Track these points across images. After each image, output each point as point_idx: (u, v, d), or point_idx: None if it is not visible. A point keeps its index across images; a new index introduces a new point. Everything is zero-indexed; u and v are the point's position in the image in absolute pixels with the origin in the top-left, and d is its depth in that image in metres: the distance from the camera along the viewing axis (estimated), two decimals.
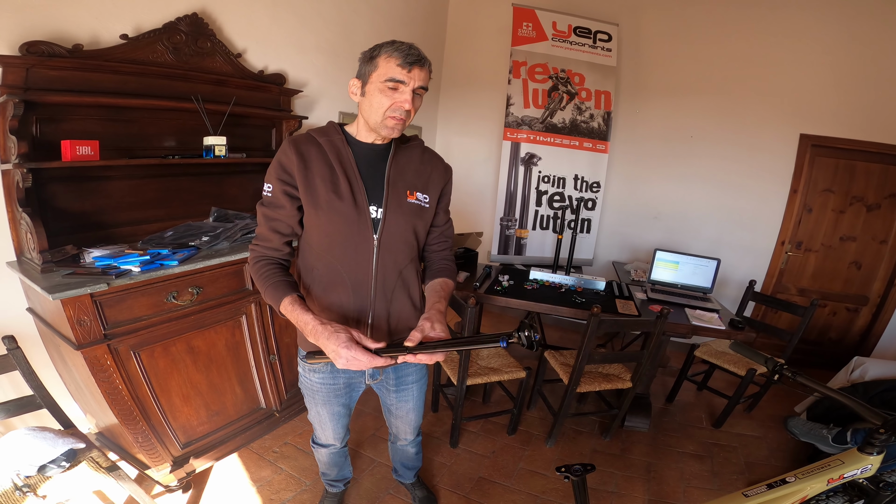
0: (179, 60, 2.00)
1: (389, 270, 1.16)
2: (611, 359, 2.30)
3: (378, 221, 1.13)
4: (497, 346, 0.89)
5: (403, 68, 1.01)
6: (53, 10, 1.66)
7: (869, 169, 3.09)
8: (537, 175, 3.40)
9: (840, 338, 3.40)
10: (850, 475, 1.09)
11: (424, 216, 1.20)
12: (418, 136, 1.25)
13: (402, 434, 1.61)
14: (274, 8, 2.45)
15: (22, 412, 1.46)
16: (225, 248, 1.93)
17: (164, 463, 1.73)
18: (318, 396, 1.34)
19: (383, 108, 1.04)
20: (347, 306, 1.16)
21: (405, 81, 1.02)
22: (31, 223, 1.53)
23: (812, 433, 2.19)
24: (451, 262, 1.30)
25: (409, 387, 1.41)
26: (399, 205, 1.15)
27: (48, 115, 1.65)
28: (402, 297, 1.21)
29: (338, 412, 1.39)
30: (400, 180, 1.16)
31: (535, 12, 3.26)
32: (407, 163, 1.18)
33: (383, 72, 1.02)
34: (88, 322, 1.45)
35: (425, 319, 1.04)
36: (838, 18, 2.92)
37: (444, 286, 1.21)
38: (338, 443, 1.53)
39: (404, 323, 1.22)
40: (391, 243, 1.15)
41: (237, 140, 2.22)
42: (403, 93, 1.03)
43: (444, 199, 1.27)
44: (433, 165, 1.23)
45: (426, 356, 0.96)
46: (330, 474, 1.72)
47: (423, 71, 1.03)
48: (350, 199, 1.10)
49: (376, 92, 1.04)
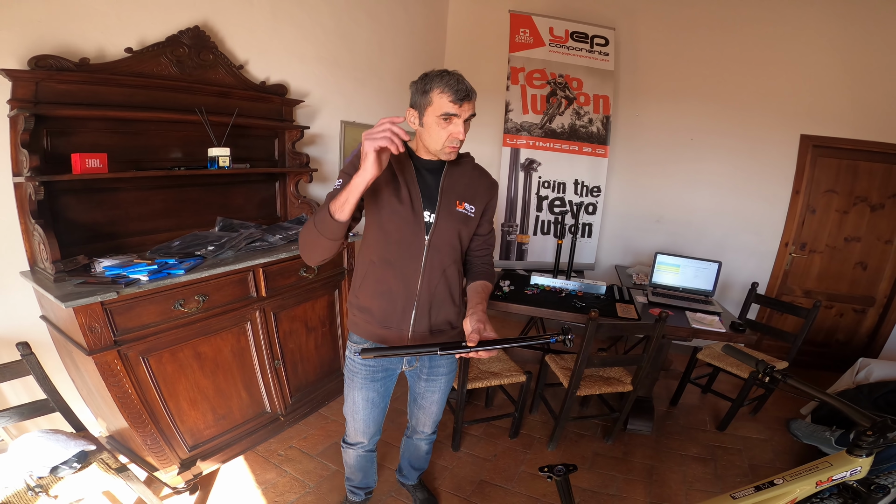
0: (183, 73, 2.06)
1: (435, 267, 1.31)
2: (610, 362, 2.31)
3: (430, 225, 1.28)
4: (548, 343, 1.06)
5: (456, 104, 1.14)
6: (60, 24, 1.72)
7: (872, 169, 3.08)
8: (537, 180, 3.42)
9: (847, 339, 3.36)
10: (839, 477, 1.10)
11: (469, 224, 1.35)
12: (469, 153, 1.38)
13: (420, 426, 1.68)
14: (274, 20, 2.52)
15: (35, 415, 1.52)
16: (230, 257, 1.98)
17: (172, 465, 1.77)
18: (356, 379, 1.44)
19: (441, 139, 1.19)
20: (397, 293, 1.31)
21: (458, 115, 1.16)
22: (43, 235, 1.59)
23: (815, 435, 2.18)
24: (491, 266, 1.46)
25: (439, 378, 1.52)
26: (449, 212, 1.30)
27: (58, 128, 1.71)
28: (443, 291, 1.35)
29: (372, 399, 1.47)
30: (452, 191, 1.31)
31: (532, 18, 3.30)
32: (459, 177, 1.33)
33: (437, 106, 1.15)
34: (99, 329, 1.50)
35: (478, 321, 1.13)
36: (836, 18, 2.93)
37: (484, 288, 1.36)
38: (366, 439, 1.58)
39: (444, 315, 1.38)
40: (439, 244, 1.30)
41: (241, 151, 2.28)
42: (457, 125, 1.17)
43: (489, 212, 1.41)
44: (481, 181, 1.38)
45: (486, 353, 1.05)
46: (354, 479, 1.75)
47: (471, 103, 1.17)
48: (409, 204, 1.25)
49: (433, 125, 1.18)
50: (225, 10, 2.25)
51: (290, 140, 2.57)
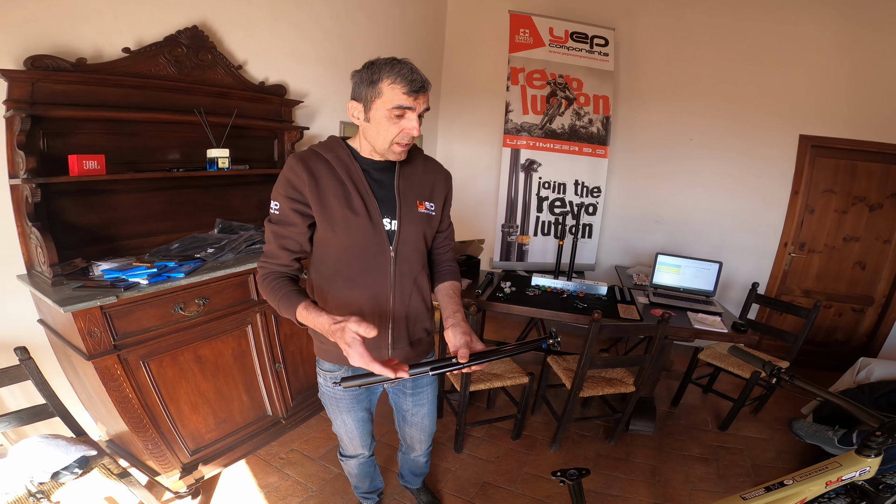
0: (181, 73, 2.04)
1: (406, 279, 1.20)
2: (613, 363, 2.31)
3: (393, 233, 1.15)
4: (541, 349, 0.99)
5: (410, 96, 1.00)
6: (56, 24, 1.69)
7: (870, 169, 3.09)
8: (538, 181, 3.42)
9: (846, 339, 3.38)
10: (849, 477, 1.10)
11: (432, 223, 1.24)
12: (416, 145, 1.25)
13: (416, 444, 1.60)
14: (273, 20, 2.50)
15: (35, 420, 1.49)
16: (230, 259, 1.96)
17: (174, 469, 1.76)
18: (342, 405, 1.35)
19: (391, 135, 1.05)
20: (368, 315, 1.17)
21: (413, 108, 1.02)
22: (41, 238, 1.57)
23: (817, 435, 2.19)
24: (454, 263, 1.35)
25: (424, 389, 1.42)
26: (411, 216, 1.17)
27: (54, 129, 1.69)
28: (417, 301, 1.25)
29: (362, 418, 1.41)
30: (409, 192, 1.18)
31: (532, 18, 3.29)
32: (412, 173, 1.20)
33: (388, 99, 1.01)
34: (99, 333, 1.48)
35: (463, 334, 1.02)
36: (835, 19, 2.93)
37: (455, 290, 1.25)
38: (366, 451, 1.54)
39: (420, 324, 1.28)
40: (406, 253, 1.18)
41: (239, 152, 2.26)
42: (411, 119, 1.03)
43: (447, 206, 1.30)
44: (435, 174, 1.26)
45: (479, 366, 0.95)
46: (362, 487, 1.73)
47: (426, 95, 1.04)
48: (365, 214, 1.11)
49: (383, 119, 1.03)
50: (223, 9, 2.23)
51: (290, 141, 2.56)
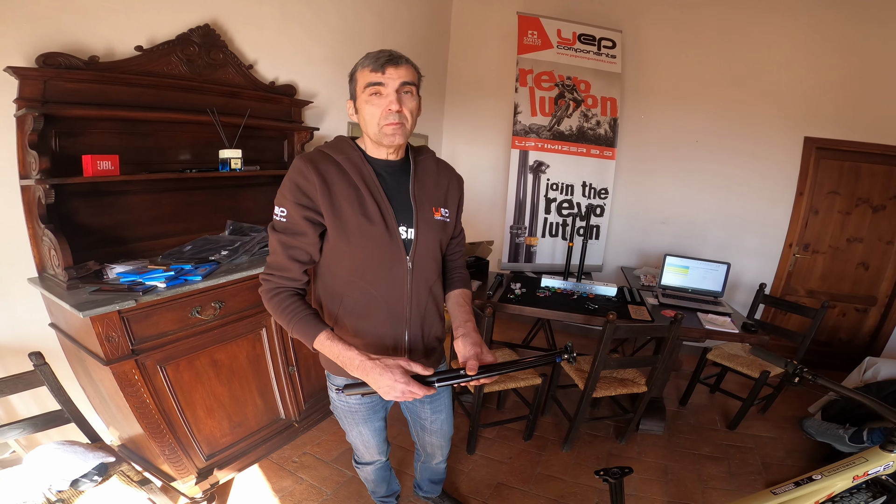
0: (193, 72, 2.02)
1: (422, 289, 1.15)
2: (626, 364, 2.32)
3: (409, 243, 1.10)
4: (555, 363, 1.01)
5: (376, 71, 0.99)
6: (68, 21, 1.66)
7: (873, 170, 3.12)
8: (546, 183, 3.42)
9: (850, 338, 3.42)
10: (874, 472, 1.15)
11: (447, 230, 1.19)
12: (428, 147, 1.23)
13: (437, 451, 1.55)
14: (282, 19, 2.48)
15: (49, 427, 1.46)
16: (244, 261, 1.94)
17: (190, 475, 1.73)
18: (357, 416, 1.31)
19: (375, 117, 1.02)
20: (383, 332, 1.13)
21: (383, 83, 1.00)
22: (54, 240, 1.54)
23: (828, 433, 2.21)
24: (465, 269, 1.31)
25: (441, 395, 1.39)
26: (428, 224, 1.12)
27: (67, 129, 1.66)
28: (432, 310, 1.20)
29: (379, 427, 1.38)
30: (425, 198, 1.13)
31: (540, 20, 3.29)
32: (426, 178, 1.16)
33: (362, 83, 1.02)
34: (117, 338, 1.46)
35: (473, 345, 1.02)
36: (840, 21, 2.96)
37: (466, 299, 1.22)
38: (382, 457, 1.51)
39: (434, 333, 1.23)
40: (423, 263, 1.13)
41: (250, 152, 2.24)
42: (387, 95, 1.00)
43: (459, 210, 1.26)
44: (448, 178, 1.21)
45: (488, 379, 0.96)
46: (379, 491, 1.71)
47: (399, 68, 1.00)
48: (381, 222, 1.05)
49: (364, 105, 1.03)
50: (234, 7, 2.21)
51: (300, 142, 2.54)
